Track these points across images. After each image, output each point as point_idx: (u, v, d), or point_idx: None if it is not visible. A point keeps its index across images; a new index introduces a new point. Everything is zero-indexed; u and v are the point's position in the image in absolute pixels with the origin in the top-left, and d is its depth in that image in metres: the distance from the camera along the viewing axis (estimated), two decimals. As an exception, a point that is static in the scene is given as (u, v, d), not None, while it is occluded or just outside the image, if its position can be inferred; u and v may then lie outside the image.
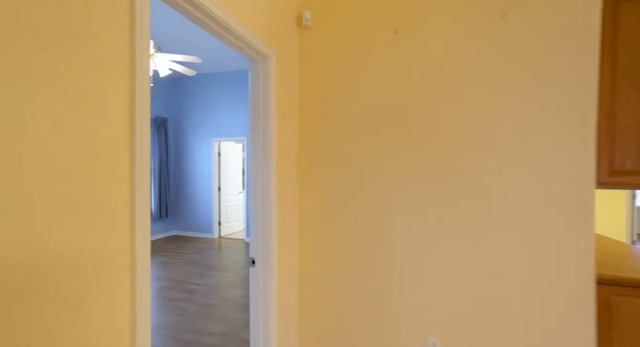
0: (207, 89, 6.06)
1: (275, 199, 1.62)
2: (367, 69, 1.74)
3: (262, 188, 1.60)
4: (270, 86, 1.57)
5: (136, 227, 0.82)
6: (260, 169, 1.60)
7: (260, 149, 1.58)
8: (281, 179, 1.69)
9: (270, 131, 1.57)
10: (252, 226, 1.62)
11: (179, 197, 6.30)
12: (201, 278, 3.86)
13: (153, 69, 3.43)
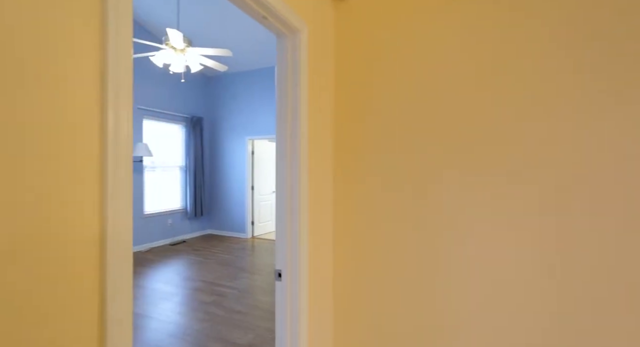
0: (240, 87, 6.00)
1: (306, 202, 1.36)
2: (417, 47, 1.41)
3: (289, 188, 1.34)
4: (300, 66, 1.30)
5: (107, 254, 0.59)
6: (288, 165, 1.34)
7: (288, 141, 1.33)
8: (313, 177, 1.42)
9: (300, 119, 1.31)
10: (279, 234, 1.37)
11: (213, 196, 6.31)
12: (232, 280, 3.73)
13: (185, 64, 3.34)
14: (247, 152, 5.97)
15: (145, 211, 5.11)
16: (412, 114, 1.42)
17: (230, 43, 5.02)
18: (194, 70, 3.46)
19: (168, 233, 5.49)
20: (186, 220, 5.84)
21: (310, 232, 1.41)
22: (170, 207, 5.58)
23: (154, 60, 3.20)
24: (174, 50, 3.19)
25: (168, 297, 3.22)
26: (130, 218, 0.63)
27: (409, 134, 1.43)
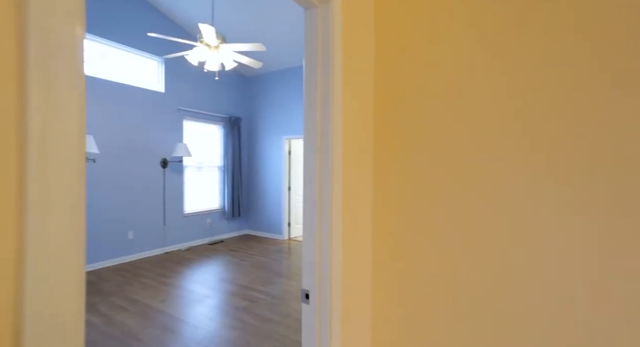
0: (277, 86, 5.90)
1: (339, 208, 1.11)
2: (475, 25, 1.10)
3: (319, 192, 1.10)
4: (331, 43, 1.06)
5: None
6: (316, 163, 1.10)
7: (317, 134, 1.09)
8: (348, 175, 1.17)
9: (332, 107, 1.06)
10: (306, 247, 1.13)
11: (251, 197, 6.30)
12: (266, 285, 3.59)
13: (219, 62, 3.26)
14: (284, 152, 5.86)
15: (185, 210, 5.20)
16: (482, 101, 1.10)
17: (266, 41, 4.93)
18: (228, 68, 3.38)
19: (207, 232, 5.55)
20: (224, 220, 5.87)
21: (344, 244, 1.16)
22: (209, 207, 5.64)
23: (189, 59, 3.15)
24: (208, 48, 3.12)
25: (202, 300, 3.15)
26: (79, 248, 0.43)
27: (473, 126, 1.12)
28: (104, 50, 4.19)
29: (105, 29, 4.10)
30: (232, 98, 5.99)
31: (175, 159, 4.99)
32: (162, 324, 2.66)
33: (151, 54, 4.65)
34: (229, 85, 5.91)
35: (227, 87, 5.88)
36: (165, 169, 4.86)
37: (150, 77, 4.74)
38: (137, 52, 4.52)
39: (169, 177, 4.90)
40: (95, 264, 4.03)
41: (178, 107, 5.01)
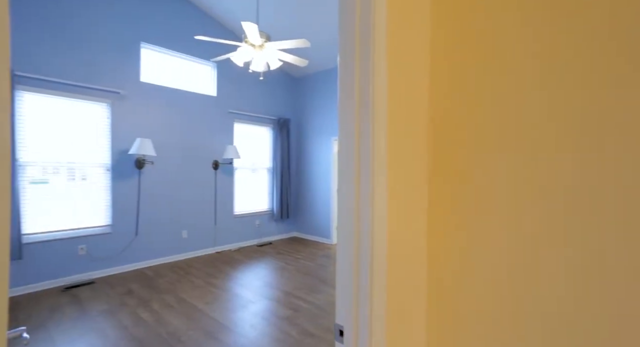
0: (326, 85, 5.74)
1: (383, 227, 0.85)
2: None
3: (357, 204, 0.86)
4: (373, 18, 0.81)
5: None
6: (354, 168, 0.86)
7: (354, 129, 0.85)
8: (395, 185, 0.90)
9: (373, 99, 0.81)
10: (340, 275, 0.90)
11: (299, 199, 6.23)
12: (310, 293, 3.42)
13: (264, 61, 3.18)
14: (332, 153, 5.67)
15: (235, 211, 5.29)
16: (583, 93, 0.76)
17: (312, 41, 4.80)
18: (274, 67, 3.28)
19: (256, 234, 5.59)
20: (272, 222, 5.87)
21: (389, 274, 0.90)
22: (258, 209, 5.69)
23: (234, 60, 3.12)
24: (253, 47, 3.05)
25: (246, 305, 3.09)
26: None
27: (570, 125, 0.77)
28: (161, 58, 4.43)
29: (162, 38, 4.32)
30: (280, 99, 5.98)
31: (226, 161, 5.10)
32: (204, 328, 2.63)
33: (204, 60, 4.81)
34: (277, 87, 5.92)
35: (275, 89, 5.89)
36: (217, 171, 4.99)
37: (203, 82, 4.91)
38: (191, 59, 4.70)
39: (220, 179, 5.02)
40: (153, 260, 4.25)
41: (229, 110, 5.12)
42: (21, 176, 3.30)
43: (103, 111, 3.84)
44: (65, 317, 2.79)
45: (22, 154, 3.31)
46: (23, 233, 3.31)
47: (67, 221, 3.59)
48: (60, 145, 3.54)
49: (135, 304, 3.05)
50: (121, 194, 3.94)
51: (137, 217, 4.08)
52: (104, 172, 3.86)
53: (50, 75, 3.44)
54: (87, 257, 3.69)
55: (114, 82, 3.89)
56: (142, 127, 4.12)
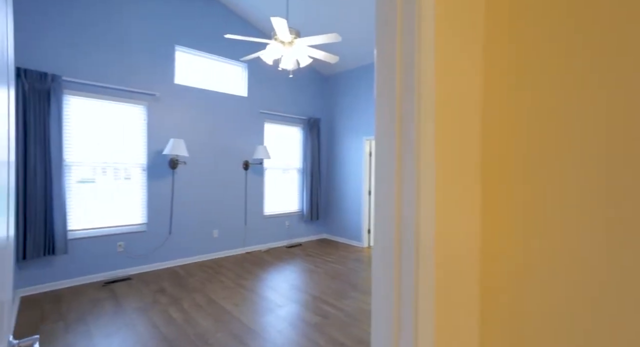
0: (357, 84, 5.57)
1: (431, 234, 0.70)
2: None
3: (397, 206, 0.71)
4: None
5: None
6: (395, 170, 0.72)
7: (395, 116, 0.71)
8: (444, 184, 0.74)
9: (419, 90, 0.66)
10: (376, 305, 0.76)
11: (329, 200, 6.11)
12: (340, 299, 3.28)
13: (294, 59, 3.10)
14: (364, 153, 5.49)
15: (265, 211, 5.29)
16: None
17: (344, 38, 4.66)
18: (303, 65, 3.19)
19: (285, 235, 5.55)
20: (302, 223, 5.81)
21: (438, 287, 0.74)
22: (288, 209, 5.64)
23: (263, 58, 3.06)
24: (282, 44, 2.98)
25: (274, 309, 3.02)
26: None
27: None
28: (194, 60, 4.51)
29: (194, 40, 4.40)
30: (311, 99, 5.90)
31: (256, 161, 5.10)
32: (232, 331, 2.59)
33: (235, 60, 4.84)
34: (308, 86, 5.84)
35: (306, 88, 5.81)
36: (247, 171, 5.00)
37: (234, 83, 4.95)
38: (223, 60, 4.76)
39: (250, 179, 5.04)
40: (185, 259, 4.34)
41: (260, 110, 5.12)
42: (67, 175, 3.48)
43: (140, 113, 3.97)
44: (104, 312, 2.88)
45: (68, 154, 3.50)
46: (68, 229, 3.50)
47: (108, 219, 3.75)
48: (102, 146, 3.70)
49: (166, 303, 3.09)
50: (156, 193, 4.05)
51: (171, 217, 4.18)
52: (140, 172, 3.99)
53: (93, 80, 3.60)
54: (124, 254, 3.83)
55: (150, 84, 4.01)
56: (175, 127, 4.22)
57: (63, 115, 3.42)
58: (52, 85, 3.32)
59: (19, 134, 3.17)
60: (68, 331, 2.55)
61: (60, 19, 3.42)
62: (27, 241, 3.19)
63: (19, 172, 3.15)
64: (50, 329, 2.58)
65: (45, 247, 3.30)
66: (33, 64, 3.29)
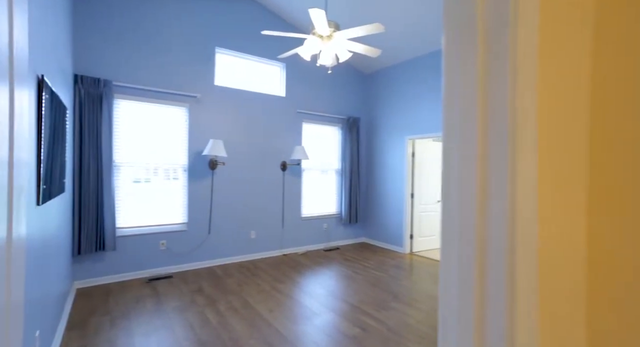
0: (399, 80, 5.26)
1: (533, 240, 0.48)
2: None
3: (480, 207, 0.51)
4: None
5: None
6: (477, 171, 0.52)
7: (476, 88, 0.51)
8: (546, 179, 0.52)
9: (521, 81, 0.46)
10: (449, 312, 0.56)
11: (369, 202, 5.86)
12: (380, 309, 3.05)
13: (333, 53, 2.94)
14: (406, 153, 5.17)
15: (302, 213, 5.19)
16: None
17: (385, 31, 4.40)
18: (343, 60, 3.01)
19: (323, 238, 5.41)
20: (340, 226, 5.62)
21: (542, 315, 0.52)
22: (325, 212, 5.50)
23: (301, 54, 2.94)
24: (321, 39, 2.83)
25: (310, 317, 2.88)
26: None
27: None
28: (233, 61, 4.55)
29: (233, 41, 4.43)
30: (350, 98, 5.71)
31: (294, 161, 5.02)
32: (266, 338, 2.49)
33: (273, 60, 4.81)
34: (347, 85, 5.65)
35: (345, 87, 5.63)
36: (285, 172, 4.94)
37: (272, 83, 4.92)
38: (261, 60, 4.74)
39: (287, 180, 4.97)
40: (223, 259, 4.37)
41: (298, 110, 5.04)
42: (116, 175, 3.66)
43: (182, 114, 4.07)
44: (145, 309, 2.94)
45: (117, 155, 3.67)
46: (117, 227, 3.67)
47: (152, 218, 3.88)
48: (147, 147, 3.84)
49: (203, 303, 3.09)
50: (196, 193, 4.13)
51: (210, 217, 4.24)
52: (182, 172, 4.08)
53: (139, 83, 3.75)
54: (167, 253, 3.94)
55: (192, 86, 4.10)
56: (214, 128, 4.27)
57: (113, 118, 3.59)
58: (104, 89, 3.50)
59: (76, 137, 3.37)
60: (112, 326, 2.62)
61: (110, 26, 3.60)
62: (81, 236, 3.39)
63: (74, 172, 3.35)
64: (98, 322, 2.67)
65: (97, 244, 3.49)
66: (88, 71, 3.49)
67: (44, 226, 1.94)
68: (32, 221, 1.62)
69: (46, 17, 1.93)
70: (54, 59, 2.22)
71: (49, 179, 2.04)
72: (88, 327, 2.61)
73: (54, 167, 2.15)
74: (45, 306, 1.97)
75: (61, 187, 2.50)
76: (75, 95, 3.36)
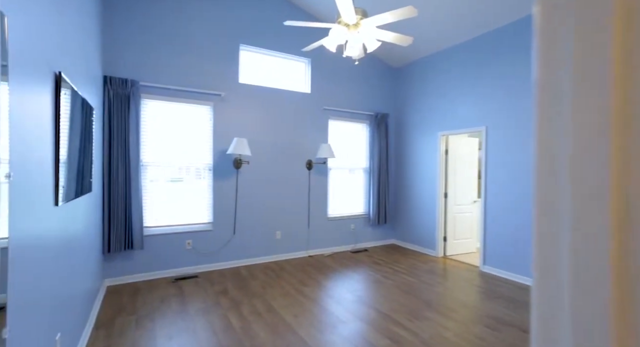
0: (431, 73, 4.93)
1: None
2: None
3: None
4: None
5: None
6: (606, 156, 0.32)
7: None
8: None
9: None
10: None
11: (398, 202, 5.58)
12: (413, 319, 2.81)
13: (361, 43, 2.73)
14: (439, 150, 4.84)
15: (329, 213, 5.02)
16: None
17: (414, 20, 4.11)
18: (371, 50, 2.80)
19: (350, 239, 5.21)
20: (368, 227, 5.39)
21: None
22: (353, 212, 5.29)
23: (326, 45, 2.77)
24: (347, 28, 2.64)
25: (336, 325, 2.70)
26: None
27: None
28: (257, 58, 4.46)
29: (257, 37, 4.33)
30: (378, 93, 5.45)
31: (320, 160, 4.86)
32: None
33: (298, 56, 4.67)
34: (374, 80, 5.40)
35: (372, 82, 5.38)
36: (310, 171, 4.79)
37: (297, 79, 4.78)
38: (285, 56, 4.62)
39: (313, 179, 4.82)
40: (248, 260, 4.31)
41: (324, 106, 4.87)
42: (143, 175, 3.69)
43: (207, 113, 4.04)
44: (170, 310, 2.91)
45: (143, 155, 3.70)
46: (144, 226, 3.70)
47: (178, 217, 3.89)
48: (173, 146, 3.84)
49: (227, 306, 3.01)
50: (221, 193, 4.09)
51: (235, 216, 4.18)
52: (207, 172, 4.06)
53: (164, 83, 3.76)
54: (193, 252, 3.93)
55: (217, 84, 4.06)
56: (239, 127, 4.21)
57: (140, 118, 3.62)
58: (132, 90, 3.52)
59: (105, 137, 3.42)
60: (137, 327, 2.60)
61: (135, 27, 3.62)
62: (111, 235, 3.44)
63: (104, 172, 3.40)
64: (124, 322, 2.67)
65: (125, 242, 3.53)
66: (116, 72, 3.53)
67: (66, 225, 1.91)
68: (49, 220, 1.58)
69: (62, 16, 1.90)
70: (80, 60, 2.20)
71: (73, 179, 2.02)
72: (114, 327, 2.60)
73: (78, 167, 2.14)
74: (69, 306, 1.95)
75: (88, 187, 2.50)
76: (104, 96, 3.41)
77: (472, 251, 5.14)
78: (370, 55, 5.33)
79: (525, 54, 3.77)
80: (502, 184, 4.01)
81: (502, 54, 4.00)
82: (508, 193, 3.94)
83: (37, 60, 1.40)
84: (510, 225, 3.91)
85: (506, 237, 3.95)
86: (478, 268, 4.31)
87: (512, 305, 3.14)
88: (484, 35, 4.21)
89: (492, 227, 4.11)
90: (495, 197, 4.08)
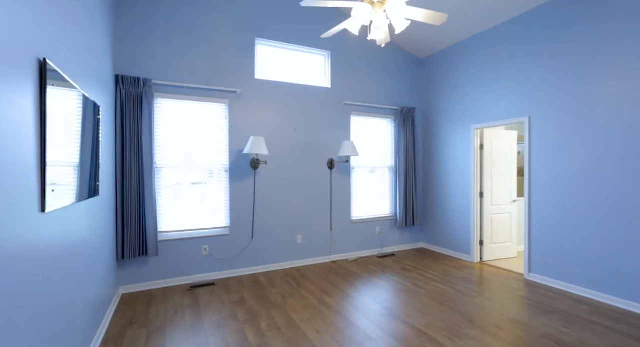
0: (463, 62, 4.50)
1: None
2: None
3: None
4: None
5: None
6: None
7: None
8: None
9: None
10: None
11: (427, 203, 5.16)
12: (453, 337, 2.44)
13: (386, 23, 2.41)
14: (472, 146, 4.40)
15: (352, 216, 4.69)
16: None
17: (445, 7, 3.72)
18: (399, 31, 2.46)
19: (376, 243, 4.86)
20: (395, 229, 5.01)
21: None
22: (378, 214, 4.93)
23: (349, 28, 2.46)
24: (372, 6, 2.32)
25: (364, 343, 2.38)
26: None
27: None
28: (275, 53, 4.22)
29: (274, 30, 4.09)
30: (403, 86, 5.07)
31: (342, 159, 4.55)
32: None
33: (317, 48, 4.39)
34: (399, 72, 5.03)
35: (397, 75, 5.01)
36: (332, 171, 4.49)
37: (317, 74, 4.50)
38: (304, 49, 4.36)
39: (335, 179, 4.51)
40: (268, 266, 4.06)
41: (345, 101, 4.56)
42: (157, 178, 3.53)
43: (222, 111, 3.83)
44: (183, 323, 2.70)
45: (157, 157, 3.54)
46: (159, 231, 3.53)
47: (194, 221, 3.70)
48: (188, 148, 3.66)
49: (243, 319, 2.76)
50: (238, 195, 3.87)
51: (253, 220, 3.95)
52: (223, 173, 3.85)
53: (178, 81, 3.58)
54: (209, 258, 3.73)
55: (232, 81, 3.85)
56: (255, 125, 3.98)
57: (154, 118, 3.46)
58: (144, 88, 3.37)
59: (117, 138, 3.28)
60: (147, 342, 2.40)
61: (147, 24, 3.47)
62: (125, 241, 3.29)
63: (117, 175, 3.26)
64: (134, 337, 2.47)
65: (140, 248, 3.37)
66: (127, 70, 3.39)
67: (61, 232, 1.72)
68: (34, 228, 1.38)
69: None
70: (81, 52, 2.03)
71: (73, 182, 1.83)
72: (124, 341, 2.41)
73: (79, 170, 1.95)
74: (69, 319, 1.76)
75: (94, 191, 2.33)
76: (116, 96, 3.28)
77: (513, 256, 4.64)
78: (394, 46, 4.97)
79: (590, 27, 3.25)
80: (551, 180, 3.53)
81: (556, 29, 3.51)
82: (559, 190, 3.46)
83: (9, 39, 1.19)
84: (563, 226, 3.42)
85: (558, 240, 3.47)
86: (522, 276, 3.83)
87: (569, 321, 2.69)
88: (531, 12, 3.74)
89: (540, 229, 3.63)
90: (542, 195, 3.61)
